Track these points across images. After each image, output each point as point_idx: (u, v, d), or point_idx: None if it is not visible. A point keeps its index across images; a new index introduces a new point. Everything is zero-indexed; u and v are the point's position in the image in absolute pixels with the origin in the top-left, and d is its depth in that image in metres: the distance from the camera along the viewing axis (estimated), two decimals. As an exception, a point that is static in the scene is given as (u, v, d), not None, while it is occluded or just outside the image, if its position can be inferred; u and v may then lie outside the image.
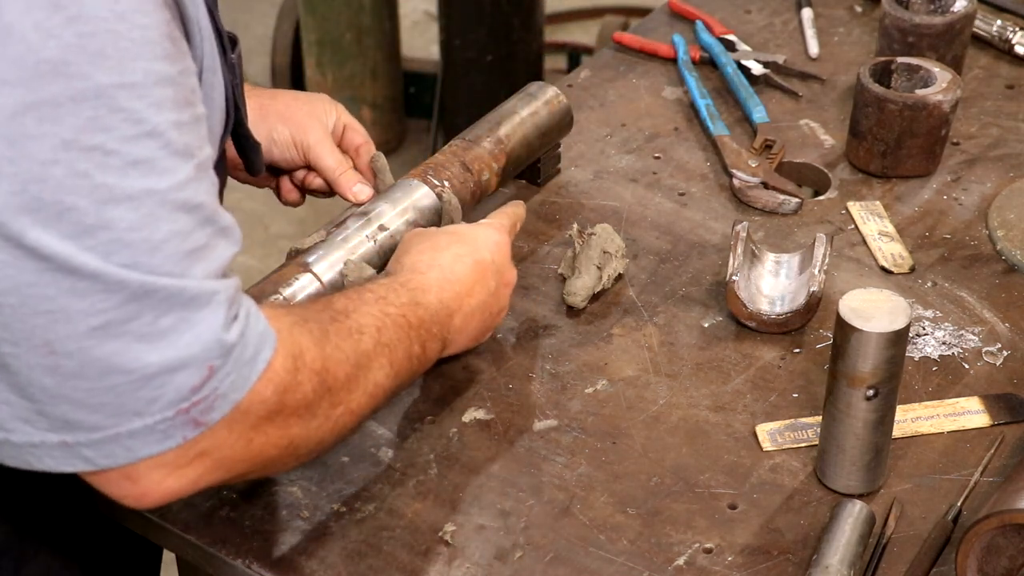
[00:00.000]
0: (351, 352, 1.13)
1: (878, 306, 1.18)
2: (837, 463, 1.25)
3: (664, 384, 1.38)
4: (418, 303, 1.24)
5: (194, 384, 0.97)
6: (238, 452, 1.03)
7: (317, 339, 1.09)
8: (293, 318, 1.09)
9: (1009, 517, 1.11)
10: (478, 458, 1.30)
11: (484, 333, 1.37)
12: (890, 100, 1.63)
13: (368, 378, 1.15)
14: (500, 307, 1.36)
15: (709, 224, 1.60)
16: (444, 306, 1.28)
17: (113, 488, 1.02)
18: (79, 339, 0.94)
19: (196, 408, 0.98)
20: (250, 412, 1.02)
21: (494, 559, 1.20)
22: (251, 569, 1.20)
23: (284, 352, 1.04)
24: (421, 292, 1.26)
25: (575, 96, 1.81)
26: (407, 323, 1.21)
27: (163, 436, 0.98)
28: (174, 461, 1.00)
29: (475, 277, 1.31)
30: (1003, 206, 1.61)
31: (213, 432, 1.00)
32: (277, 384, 1.03)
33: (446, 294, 1.28)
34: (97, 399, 0.96)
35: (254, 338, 1.01)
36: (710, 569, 1.20)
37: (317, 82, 3.59)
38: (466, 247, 1.33)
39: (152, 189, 0.94)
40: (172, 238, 0.95)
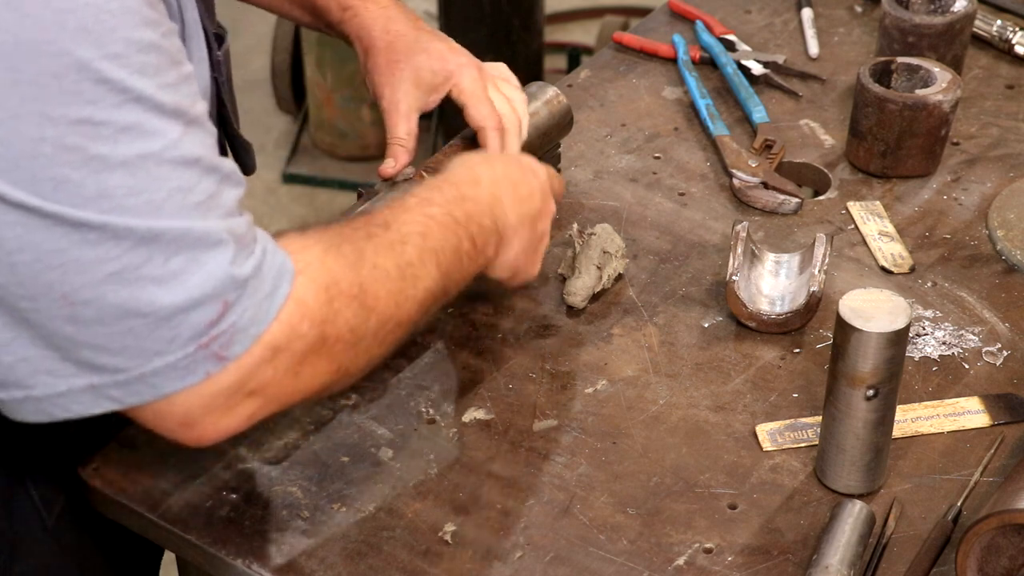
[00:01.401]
0: (393, 267, 1.13)
1: (878, 306, 1.18)
2: (837, 463, 1.25)
3: (664, 384, 1.38)
4: (465, 197, 1.24)
5: (210, 319, 0.99)
6: (287, 387, 1.06)
7: (352, 262, 1.10)
8: (324, 245, 1.10)
9: (1009, 517, 1.11)
10: (478, 458, 1.30)
11: (530, 256, 1.34)
12: (890, 100, 1.63)
13: (417, 287, 1.15)
14: (543, 231, 1.35)
15: (709, 224, 1.60)
16: (496, 198, 1.27)
17: (173, 433, 1.05)
18: (94, 287, 0.96)
19: (216, 343, 1.00)
20: (290, 348, 1.04)
21: (494, 559, 1.20)
22: (251, 569, 1.20)
23: (316, 284, 1.06)
24: (471, 184, 1.26)
25: (575, 96, 1.81)
26: (453, 220, 1.21)
27: (186, 372, 1.00)
28: (225, 404, 1.03)
29: (524, 190, 1.31)
30: (1003, 206, 1.61)
31: (258, 371, 1.02)
32: (313, 317, 1.05)
33: (499, 188, 1.28)
34: (118, 342, 0.98)
35: (271, 272, 1.03)
36: (710, 569, 1.20)
37: (317, 82, 3.59)
38: (515, 164, 1.34)
39: (146, 152, 0.96)
40: (175, 195, 0.97)
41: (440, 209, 1.21)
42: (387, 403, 1.36)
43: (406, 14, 1.53)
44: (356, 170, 3.64)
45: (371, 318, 1.11)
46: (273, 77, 3.76)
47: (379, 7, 1.51)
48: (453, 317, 1.46)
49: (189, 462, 1.28)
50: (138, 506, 1.25)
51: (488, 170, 1.29)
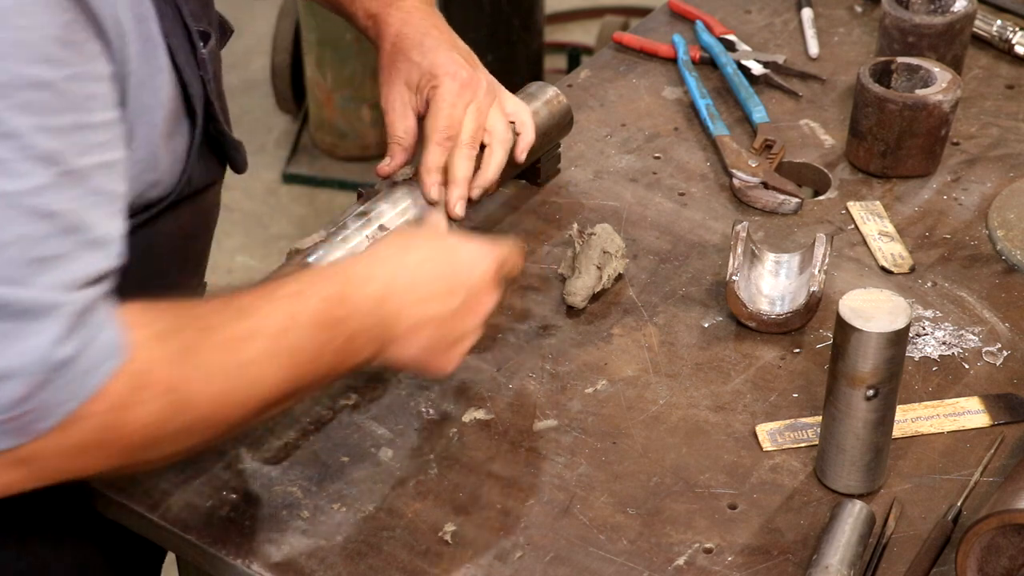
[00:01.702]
0: (229, 366, 1.06)
1: (878, 306, 1.18)
2: (837, 463, 1.25)
3: (664, 384, 1.38)
4: (347, 296, 1.14)
5: (18, 396, 0.94)
6: (62, 464, 1.00)
7: (178, 355, 1.03)
8: (158, 330, 1.03)
9: (1009, 517, 1.11)
10: (478, 458, 1.30)
11: (440, 356, 1.22)
12: (890, 100, 1.63)
13: (253, 388, 1.08)
14: (463, 332, 1.22)
15: (709, 224, 1.60)
16: (386, 302, 1.16)
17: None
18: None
19: (23, 419, 0.95)
20: (77, 426, 0.98)
21: (494, 559, 1.20)
22: (251, 569, 1.20)
23: (127, 369, 0.99)
24: (359, 282, 1.15)
25: (575, 96, 1.81)
26: (323, 320, 1.12)
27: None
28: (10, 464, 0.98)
29: (438, 286, 1.20)
30: (1003, 206, 1.61)
31: (37, 442, 0.97)
32: (111, 401, 0.99)
33: (394, 291, 1.17)
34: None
35: (96, 352, 0.97)
36: (710, 569, 1.20)
37: (317, 82, 3.59)
38: (443, 255, 1.22)
39: (2, 191, 0.92)
40: (18, 242, 0.93)
41: (313, 306, 1.11)
42: (387, 403, 1.36)
43: (424, 19, 1.51)
44: (356, 170, 3.64)
45: (181, 416, 1.04)
46: (273, 77, 3.76)
47: (400, 11, 1.50)
48: (453, 317, 1.46)
49: (189, 462, 1.28)
50: (138, 506, 1.25)
51: (391, 267, 1.18)
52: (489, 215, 1.60)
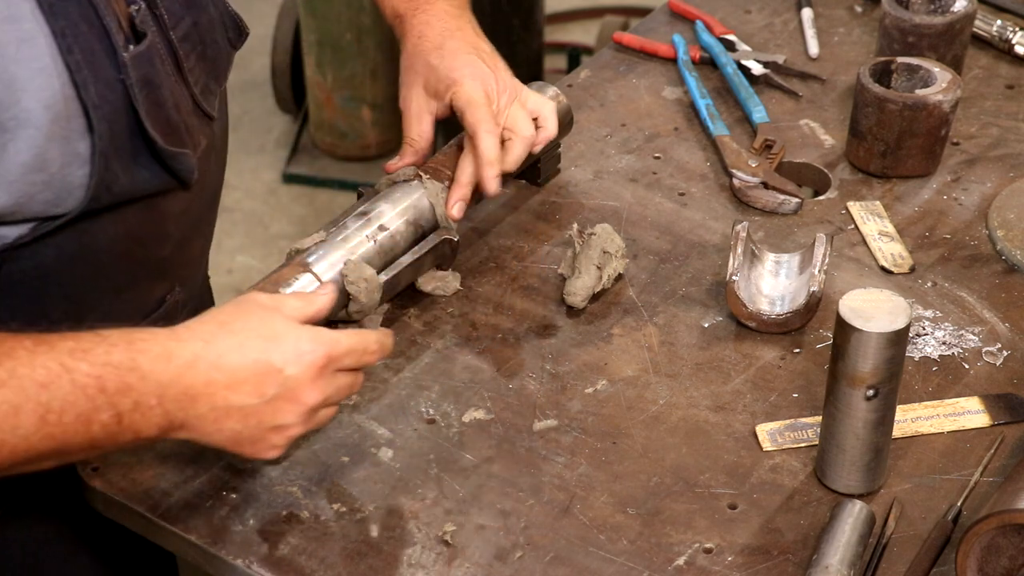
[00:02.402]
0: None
1: (878, 306, 1.18)
2: (837, 463, 1.25)
3: (664, 384, 1.38)
4: (137, 368, 1.09)
5: None
6: None
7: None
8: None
9: (1009, 517, 1.11)
10: (478, 458, 1.30)
11: (255, 444, 1.17)
12: (890, 100, 1.63)
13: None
14: (277, 423, 1.16)
15: (709, 224, 1.60)
16: (183, 384, 1.11)
17: None
18: None
19: None
20: None
21: (494, 559, 1.20)
22: (251, 569, 1.20)
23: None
24: (156, 359, 1.11)
25: (575, 96, 1.81)
26: (99, 386, 1.08)
27: None
28: None
29: (248, 375, 1.14)
30: (1003, 206, 1.61)
31: None
32: None
33: (195, 373, 1.12)
34: None
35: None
36: (710, 569, 1.20)
37: (317, 82, 3.59)
38: (261, 343, 1.15)
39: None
40: None
41: (89, 369, 1.07)
42: (387, 403, 1.36)
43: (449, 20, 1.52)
44: (356, 170, 3.64)
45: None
46: (273, 77, 3.76)
47: (425, 14, 1.52)
48: (453, 317, 1.46)
49: (189, 462, 1.28)
50: (138, 506, 1.25)
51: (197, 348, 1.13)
52: (489, 215, 1.60)
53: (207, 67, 1.32)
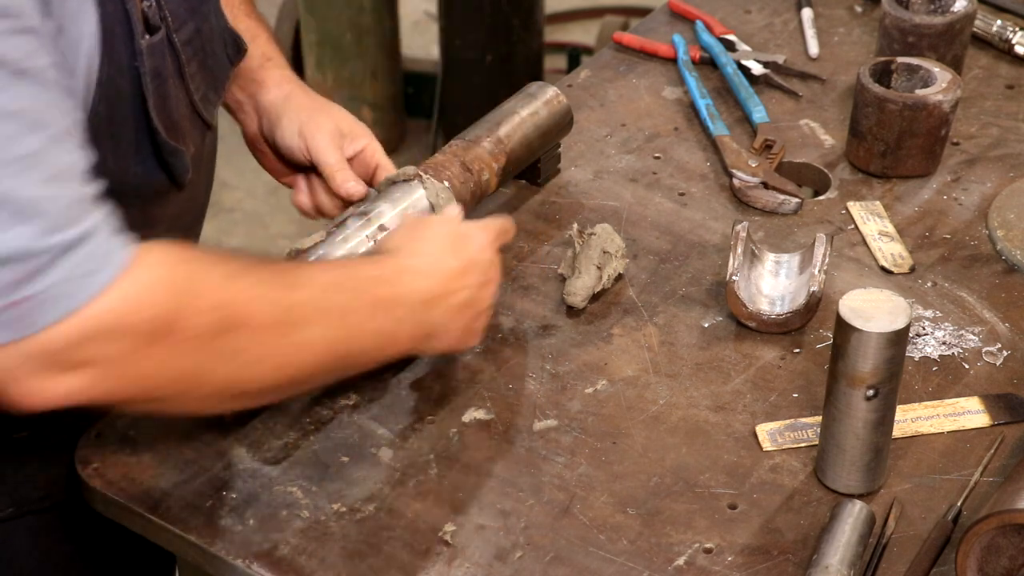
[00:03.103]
0: (278, 298, 1.10)
1: (878, 306, 1.18)
2: (837, 463, 1.25)
3: (664, 384, 1.38)
4: (393, 282, 1.21)
5: (10, 280, 0.97)
6: (122, 370, 1.03)
7: (224, 276, 1.08)
8: (199, 254, 1.08)
9: (1009, 517, 1.11)
10: (478, 458, 1.30)
11: (471, 334, 1.31)
12: (890, 100, 1.63)
13: (301, 331, 1.12)
14: (485, 305, 1.31)
15: (709, 224, 1.60)
16: (428, 292, 1.23)
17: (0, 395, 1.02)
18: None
19: (16, 309, 0.97)
20: (125, 332, 1.01)
21: (494, 559, 1.20)
22: (251, 569, 1.20)
23: (167, 280, 1.04)
24: (403, 272, 1.23)
25: (575, 96, 1.81)
26: (372, 297, 1.18)
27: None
28: (49, 368, 1.01)
29: (461, 272, 1.27)
30: (1003, 206, 1.61)
31: (81, 345, 1.00)
32: (155, 309, 1.02)
33: (428, 282, 1.24)
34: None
35: (97, 254, 1.00)
36: (710, 569, 1.20)
37: (317, 82, 3.58)
38: (457, 242, 1.29)
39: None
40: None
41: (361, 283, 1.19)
42: (387, 403, 1.36)
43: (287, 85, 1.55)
44: (356, 170, 3.64)
45: (231, 336, 1.07)
46: (273, 77, 3.75)
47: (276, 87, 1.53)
48: (453, 317, 1.46)
49: (189, 462, 1.28)
50: (138, 506, 1.25)
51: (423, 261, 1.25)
52: (489, 215, 1.60)
53: (207, 77, 1.33)
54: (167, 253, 1.05)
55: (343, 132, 1.49)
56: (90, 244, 1.00)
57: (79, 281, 0.99)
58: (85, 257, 0.99)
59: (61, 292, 0.98)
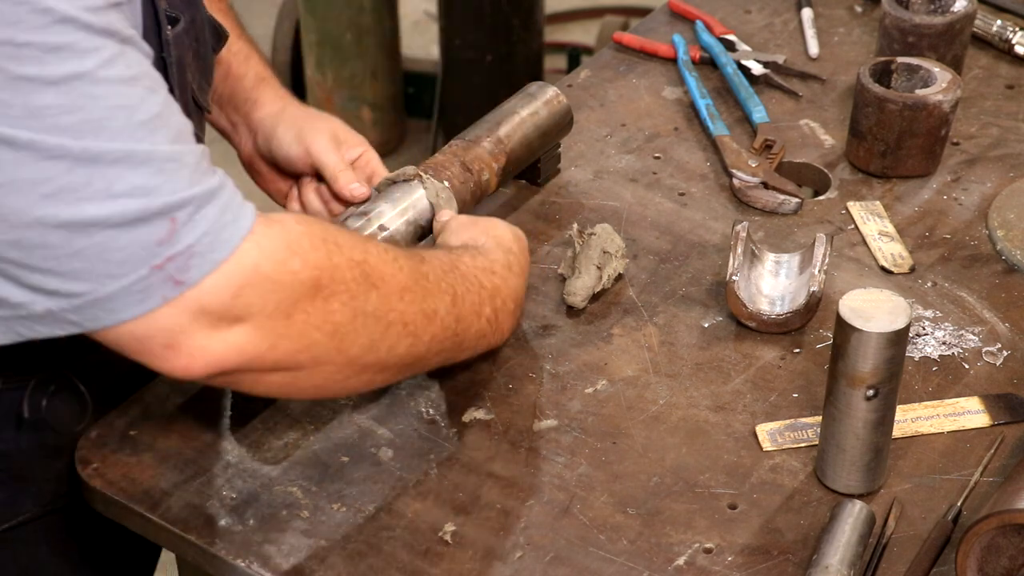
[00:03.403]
0: (406, 265, 1.14)
1: (878, 306, 1.18)
2: (837, 463, 1.25)
3: (664, 384, 1.38)
4: (495, 272, 1.26)
5: (159, 238, 0.97)
6: (278, 323, 1.04)
7: (359, 238, 1.11)
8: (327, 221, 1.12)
9: (1009, 517, 1.11)
10: (478, 458, 1.30)
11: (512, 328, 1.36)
12: (890, 100, 1.63)
13: (427, 300, 1.15)
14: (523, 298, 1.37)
15: (709, 224, 1.60)
16: (514, 290, 1.30)
17: (160, 361, 1.03)
18: (33, 209, 0.95)
19: (171, 264, 0.98)
20: (281, 281, 1.03)
21: (494, 559, 1.20)
22: (251, 569, 1.20)
23: (314, 235, 1.06)
24: (504, 268, 1.29)
25: (575, 96, 1.81)
26: (480, 283, 1.23)
27: (142, 296, 0.98)
28: (211, 324, 1.01)
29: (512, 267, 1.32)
30: (1003, 206, 1.61)
31: (239, 296, 1.01)
32: (306, 259, 1.04)
33: (518, 280, 1.31)
34: (66, 266, 0.97)
35: (233, 205, 1.02)
36: (710, 569, 1.20)
37: (317, 82, 3.59)
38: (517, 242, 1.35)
39: (79, 72, 0.94)
40: (116, 113, 0.96)
41: (468, 268, 1.23)
42: (387, 403, 1.36)
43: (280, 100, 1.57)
44: (356, 170, 3.64)
45: (372, 294, 1.10)
46: (273, 77, 3.75)
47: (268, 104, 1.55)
48: (453, 317, 1.46)
49: (189, 462, 1.29)
50: (138, 506, 1.25)
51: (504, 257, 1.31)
52: (489, 215, 1.60)
53: (200, 65, 1.35)
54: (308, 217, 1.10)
55: (340, 139, 1.50)
56: (223, 195, 1.01)
57: (222, 231, 1.00)
58: (222, 208, 1.01)
59: (209, 242, 0.99)
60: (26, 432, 1.28)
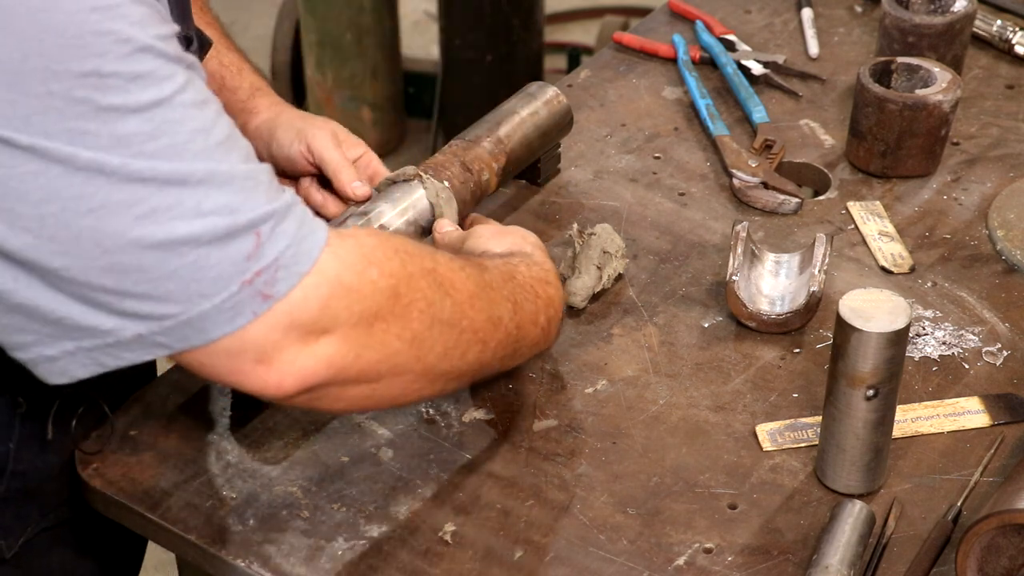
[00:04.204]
0: (473, 272, 1.15)
1: (878, 306, 1.18)
2: (837, 463, 1.25)
3: (664, 384, 1.38)
4: (549, 281, 1.28)
5: (248, 252, 0.99)
6: (361, 337, 1.05)
7: (427, 248, 1.13)
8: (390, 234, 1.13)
9: (1009, 517, 1.11)
10: (478, 458, 1.30)
11: None
12: (890, 100, 1.63)
13: (493, 307, 1.16)
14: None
15: (709, 224, 1.60)
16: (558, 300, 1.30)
17: (252, 379, 1.04)
18: (127, 231, 0.96)
19: (259, 279, 0.99)
20: (363, 292, 1.04)
21: (494, 559, 1.20)
22: (251, 569, 1.20)
23: (387, 245, 1.08)
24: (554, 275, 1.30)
25: (575, 96, 1.81)
26: (535, 293, 1.24)
27: (233, 313, 1.00)
28: (301, 338, 1.02)
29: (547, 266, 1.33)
30: (1003, 206, 1.61)
31: (326, 308, 1.02)
32: (383, 268, 1.06)
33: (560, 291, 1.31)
34: (160, 288, 0.98)
35: (308, 218, 1.04)
36: (710, 569, 1.20)
37: (317, 82, 3.59)
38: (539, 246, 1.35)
39: (159, 98, 0.96)
40: (196, 136, 0.98)
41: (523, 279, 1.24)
42: (387, 403, 1.36)
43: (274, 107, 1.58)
44: (356, 170, 3.64)
45: (447, 301, 1.11)
46: (273, 77, 3.76)
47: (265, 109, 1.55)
48: (453, 317, 1.46)
49: (189, 462, 1.29)
50: (138, 506, 1.25)
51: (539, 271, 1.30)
52: (489, 215, 1.60)
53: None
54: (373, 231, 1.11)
55: (340, 138, 1.51)
56: (298, 209, 1.03)
57: (302, 244, 1.02)
58: (299, 221, 1.02)
59: (292, 255, 1.01)
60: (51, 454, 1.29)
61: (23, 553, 1.31)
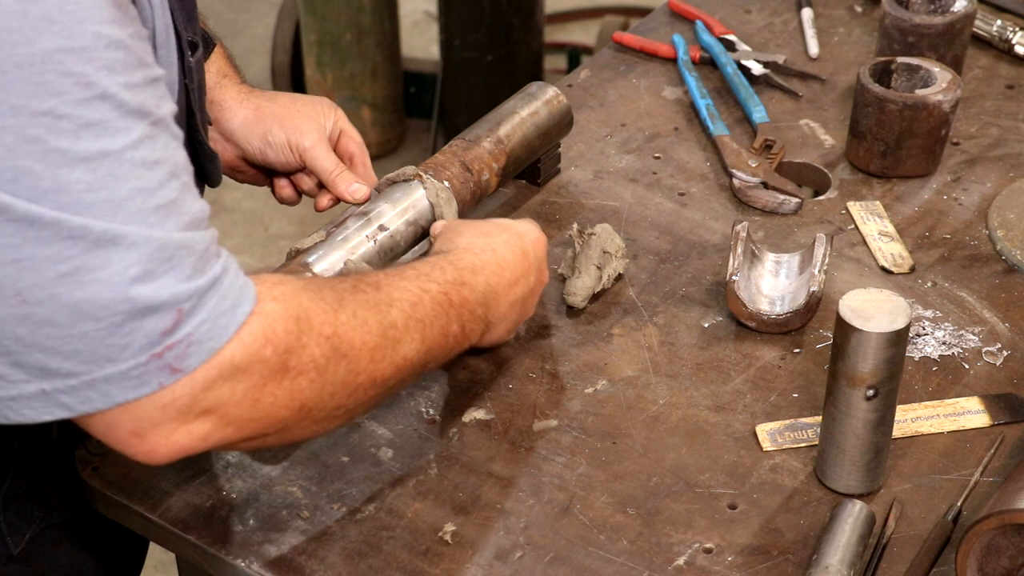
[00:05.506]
0: (374, 323, 1.13)
1: (878, 306, 1.18)
2: (837, 463, 1.25)
3: (664, 384, 1.38)
4: (465, 283, 1.25)
5: (165, 328, 0.97)
6: (244, 410, 1.04)
7: (330, 306, 1.09)
8: (303, 284, 1.09)
9: (1009, 517, 1.11)
10: (478, 458, 1.30)
11: (513, 328, 1.36)
12: (890, 100, 1.63)
13: (396, 350, 1.14)
14: (533, 304, 1.37)
15: (709, 224, 1.60)
16: (492, 289, 1.28)
17: (124, 445, 1.03)
18: (48, 286, 0.94)
19: (170, 353, 0.98)
20: (250, 371, 1.02)
21: (494, 559, 1.20)
22: (251, 569, 1.20)
23: (287, 314, 1.05)
24: (471, 272, 1.27)
25: (575, 96, 1.81)
26: (448, 301, 1.22)
27: (138, 382, 0.98)
28: (179, 417, 1.01)
29: (522, 268, 1.33)
30: (1003, 206, 1.61)
31: (213, 389, 1.01)
32: (278, 344, 1.03)
33: (496, 278, 1.29)
34: (70, 346, 0.96)
35: (232, 290, 1.01)
36: (710, 569, 1.20)
37: (317, 82, 3.59)
38: (516, 238, 1.34)
39: (107, 150, 0.95)
40: (135, 195, 0.96)
41: (438, 287, 1.21)
42: (387, 403, 1.36)
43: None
44: (356, 170, 3.64)
45: (342, 364, 1.09)
46: (273, 77, 3.76)
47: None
48: (453, 317, 1.46)
49: (189, 462, 1.28)
50: (138, 506, 1.25)
51: (490, 257, 1.30)
52: (489, 215, 1.60)
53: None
54: (283, 284, 1.07)
55: (323, 126, 1.51)
56: (225, 282, 1.01)
57: (220, 319, 1.00)
58: (222, 296, 1.00)
59: (206, 332, 0.99)
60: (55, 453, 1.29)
61: (30, 549, 1.31)
